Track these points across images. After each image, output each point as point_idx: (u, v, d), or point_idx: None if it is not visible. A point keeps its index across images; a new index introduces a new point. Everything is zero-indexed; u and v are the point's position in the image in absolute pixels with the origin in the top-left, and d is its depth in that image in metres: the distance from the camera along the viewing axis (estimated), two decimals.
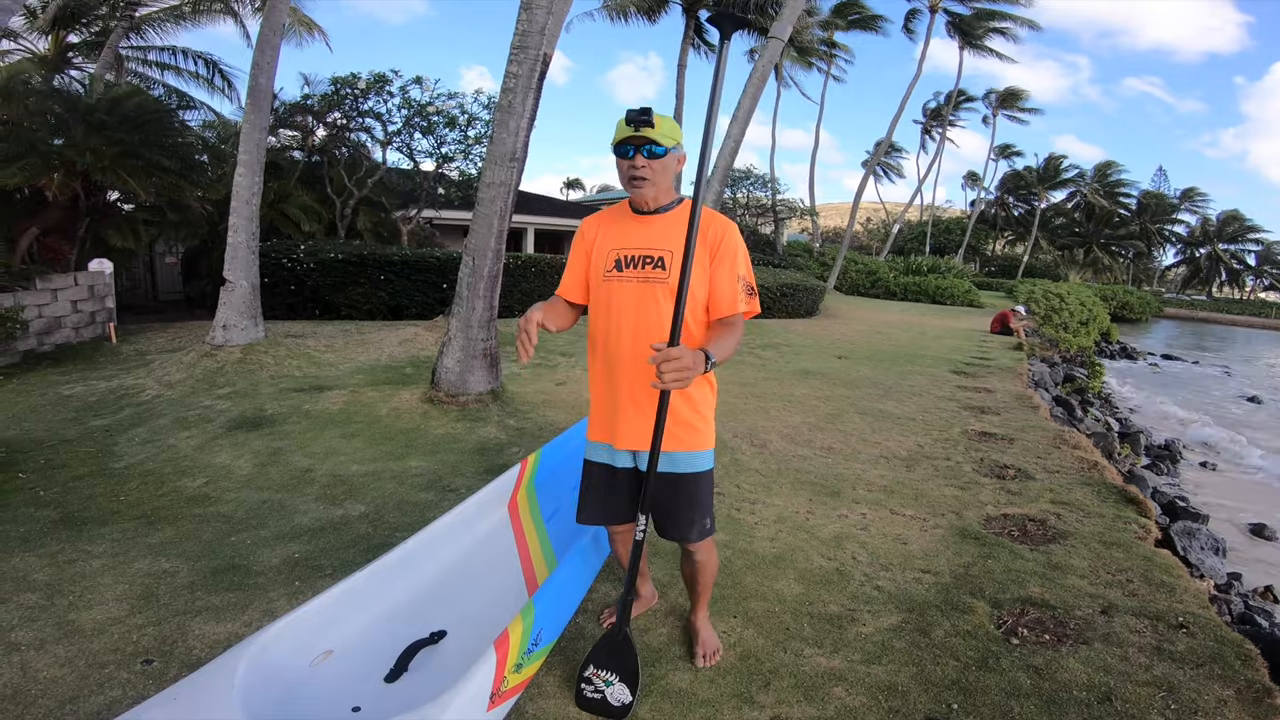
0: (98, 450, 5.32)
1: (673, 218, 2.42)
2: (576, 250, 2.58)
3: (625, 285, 2.42)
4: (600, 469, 2.60)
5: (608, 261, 2.46)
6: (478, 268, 6.16)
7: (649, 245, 2.40)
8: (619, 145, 2.33)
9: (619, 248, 2.45)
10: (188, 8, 15.69)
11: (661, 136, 2.28)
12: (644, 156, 2.31)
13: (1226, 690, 2.57)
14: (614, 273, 2.44)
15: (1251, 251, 61.37)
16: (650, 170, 2.33)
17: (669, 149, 2.33)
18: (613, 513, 2.63)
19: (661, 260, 2.37)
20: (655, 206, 2.43)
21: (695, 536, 2.54)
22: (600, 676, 2.45)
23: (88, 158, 9.11)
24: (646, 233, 2.43)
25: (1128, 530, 4.13)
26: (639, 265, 2.40)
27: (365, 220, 16.52)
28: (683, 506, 2.50)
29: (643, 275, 2.39)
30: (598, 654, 2.49)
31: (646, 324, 2.38)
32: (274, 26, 8.12)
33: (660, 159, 2.33)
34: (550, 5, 5.87)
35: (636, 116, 2.26)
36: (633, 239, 2.44)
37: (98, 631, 2.83)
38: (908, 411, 7.34)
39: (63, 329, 9.23)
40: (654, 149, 2.30)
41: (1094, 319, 21.26)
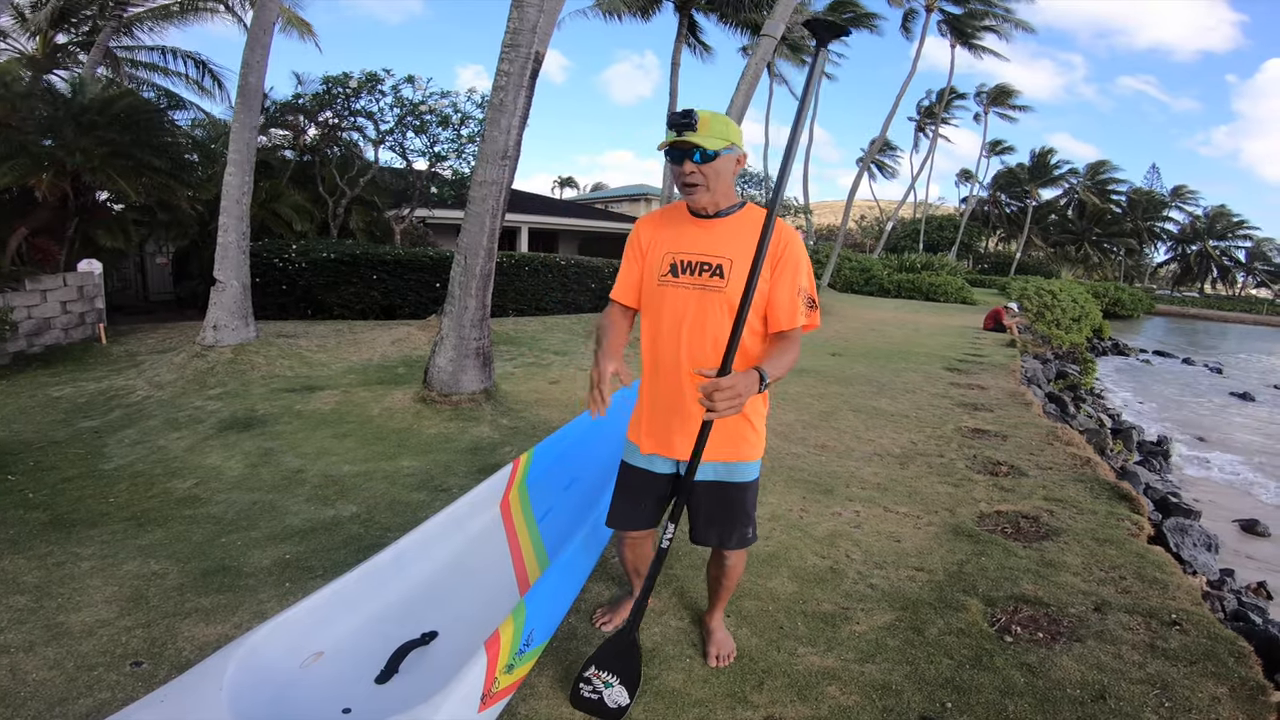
0: (87, 452, 5.29)
1: (734, 223, 2.31)
2: (631, 252, 2.46)
3: (680, 291, 2.31)
4: (638, 473, 2.53)
5: (662, 265, 2.34)
6: (470, 266, 6.15)
7: (708, 251, 2.29)
8: (668, 151, 2.21)
9: (675, 251, 2.33)
10: (177, 7, 15.60)
11: (708, 139, 2.15)
12: (693, 162, 2.18)
13: (1220, 688, 2.57)
14: (669, 278, 2.32)
15: (1242, 248, 61.70)
16: (702, 176, 2.20)
17: (720, 151, 2.18)
18: (641, 518, 2.57)
19: (720, 268, 2.26)
20: (714, 211, 2.31)
21: (735, 544, 2.50)
22: (600, 677, 2.42)
23: (77, 157, 9.05)
24: (705, 238, 2.30)
25: (1120, 527, 4.14)
26: (696, 271, 2.29)
27: (358, 219, 16.49)
28: (728, 515, 2.46)
29: (699, 282, 2.28)
30: (603, 655, 2.46)
31: (701, 333, 2.29)
32: (264, 25, 8.08)
33: (711, 163, 2.19)
34: (542, 3, 5.85)
35: (678, 120, 2.13)
36: (690, 243, 2.32)
37: (87, 634, 2.81)
38: (901, 409, 7.35)
39: (52, 330, 9.18)
40: (704, 152, 2.16)
41: (1086, 316, 21.35)
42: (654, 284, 2.36)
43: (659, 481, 2.51)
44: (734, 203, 2.34)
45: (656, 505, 2.56)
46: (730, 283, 2.24)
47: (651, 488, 2.52)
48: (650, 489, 2.52)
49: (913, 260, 35.00)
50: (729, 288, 2.24)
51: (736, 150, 2.24)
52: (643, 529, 2.62)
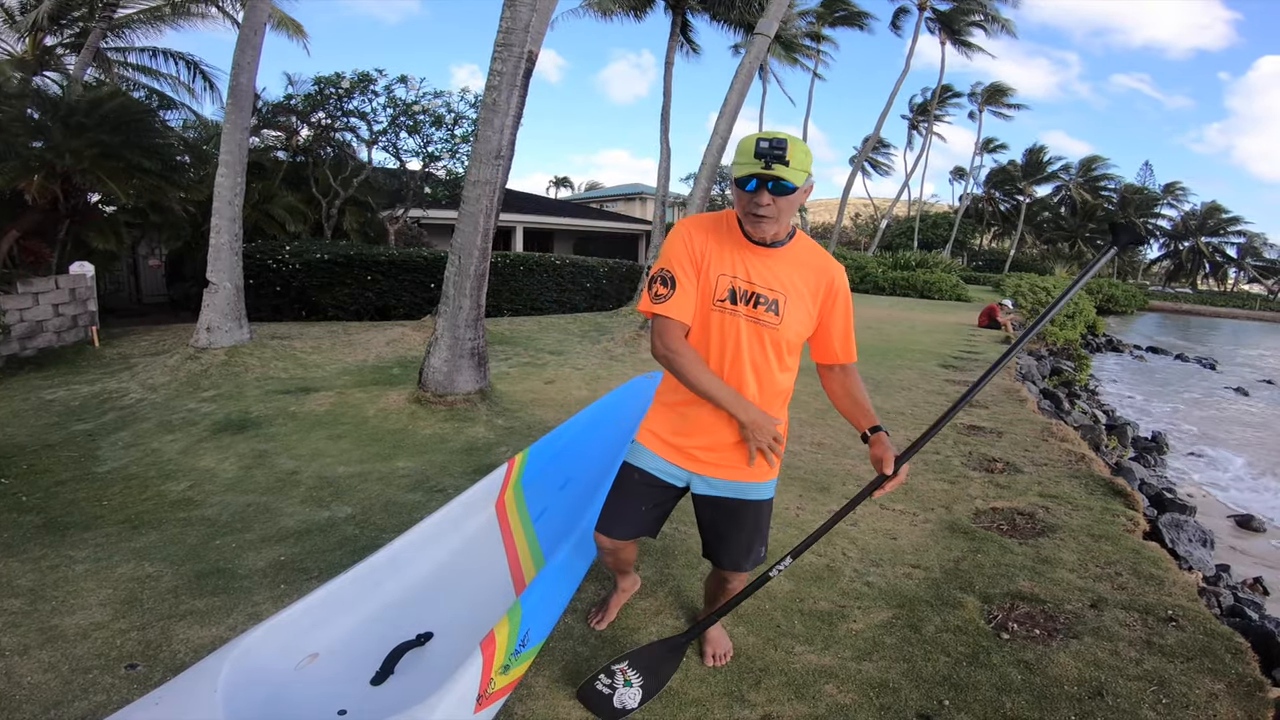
0: (81, 455, 5.27)
1: (789, 255, 2.23)
2: (685, 263, 2.23)
3: (734, 320, 2.21)
4: (644, 478, 2.43)
5: (719, 289, 2.21)
6: (464, 267, 6.13)
7: (764, 283, 2.19)
8: (743, 178, 2.04)
9: (733, 275, 2.20)
10: (168, 8, 15.54)
11: (794, 173, 1.99)
12: (770, 193, 2.03)
13: (1217, 683, 2.57)
14: (726, 304, 2.21)
15: (1233, 244, 61.89)
16: (776, 209, 2.06)
17: (799, 185, 2.03)
18: (633, 525, 2.49)
19: (776, 304, 2.19)
20: (776, 239, 2.20)
21: (749, 565, 2.46)
22: (626, 674, 2.40)
23: (67, 159, 9.02)
24: (763, 268, 2.20)
25: (1116, 523, 4.15)
26: (753, 303, 2.19)
27: (351, 220, 16.45)
28: (744, 534, 2.42)
29: (754, 315, 2.20)
30: (642, 656, 2.46)
31: (750, 365, 2.24)
32: (255, 26, 8.06)
33: (789, 195, 2.04)
34: (534, 2, 5.84)
35: (769, 151, 1.95)
36: (748, 270, 2.20)
37: (81, 636, 2.79)
38: (897, 406, 7.35)
39: (45, 333, 9.15)
40: (784, 185, 2.01)
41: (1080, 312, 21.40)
42: (709, 305, 2.23)
43: (664, 490, 2.43)
44: (788, 231, 2.24)
45: (653, 513, 2.48)
46: (784, 320, 2.21)
47: (653, 495, 2.44)
48: (651, 497, 2.44)
49: (907, 258, 35.05)
50: (783, 325, 2.21)
51: (810, 181, 2.09)
52: (631, 537, 2.53)
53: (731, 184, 2.11)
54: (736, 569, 2.47)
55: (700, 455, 2.35)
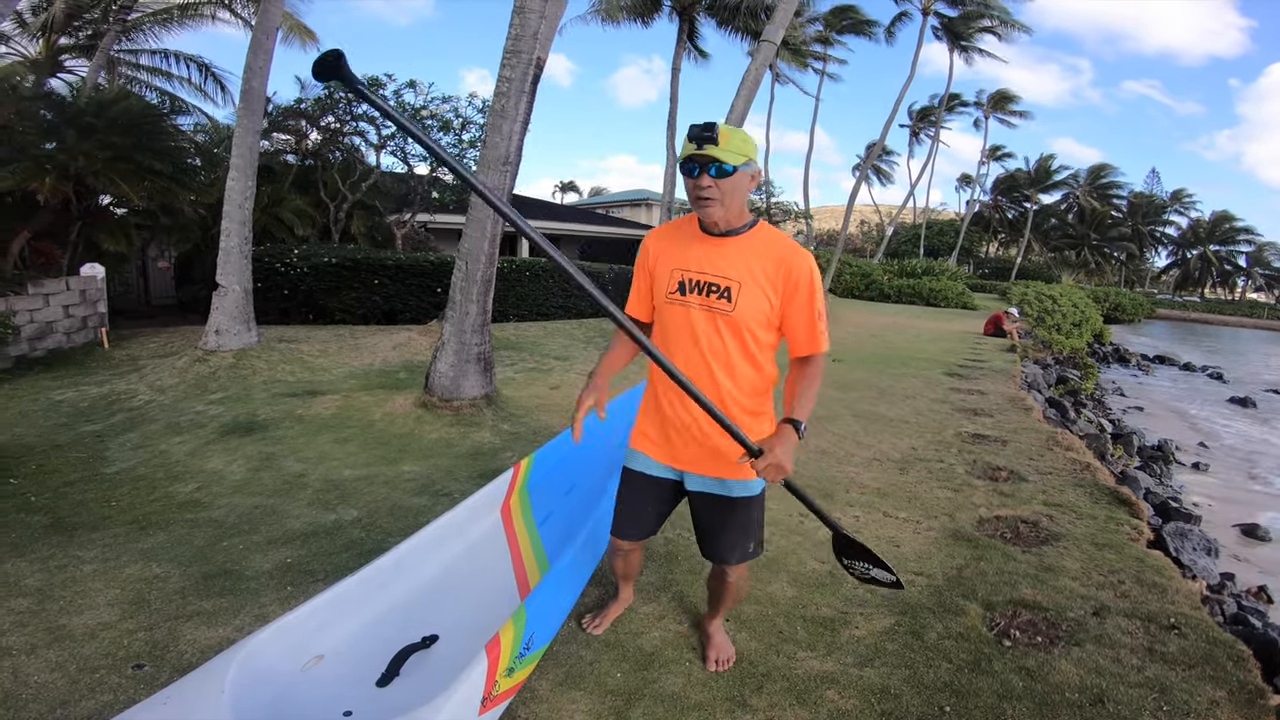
0: (89, 456, 5.30)
1: (744, 243, 2.26)
2: (640, 268, 2.45)
3: (688, 311, 2.29)
4: (643, 480, 2.54)
5: (671, 282, 2.32)
6: (471, 272, 6.16)
7: (715, 271, 2.25)
8: (684, 163, 2.16)
9: (683, 268, 2.30)
10: (179, 10, 15.63)
11: (729, 154, 2.10)
12: (710, 176, 2.12)
13: (1218, 691, 2.57)
14: (677, 295, 2.30)
15: (1242, 253, 61.73)
16: (718, 190, 2.14)
17: (738, 167, 2.13)
18: (642, 527, 2.59)
19: (728, 291, 2.23)
20: (726, 228, 2.26)
21: (735, 559, 2.51)
22: (855, 567, 2.69)
23: (80, 161, 9.07)
24: (715, 257, 2.27)
25: (1120, 532, 4.15)
26: (704, 292, 2.26)
27: (359, 224, 16.48)
28: (729, 530, 2.47)
29: (707, 304, 2.26)
30: (843, 551, 2.70)
31: (707, 354, 2.29)
32: (267, 29, 8.12)
33: (729, 178, 2.13)
34: (543, 10, 5.88)
35: (699, 133, 2.09)
36: (699, 261, 2.28)
37: (89, 636, 2.82)
38: (901, 414, 7.36)
39: (54, 334, 9.20)
40: (721, 167, 2.11)
41: (1087, 321, 21.35)
42: (663, 300, 2.35)
43: (661, 488, 2.52)
44: (746, 221, 2.29)
45: (657, 513, 2.58)
46: (737, 306, 2.23)
47: (653, 494, 2.53)
48: (652, 496, 2.53)
49: (913, 265, 35.05)
50: (736, 311, 2.23)
51: (753, 167, 2.19)
52: (642, 538, 2.65)
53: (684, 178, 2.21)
54: (722, 561, 2.54)
55: (684, 453, 2.42)
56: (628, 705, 2.48)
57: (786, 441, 2.12)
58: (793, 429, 2.14)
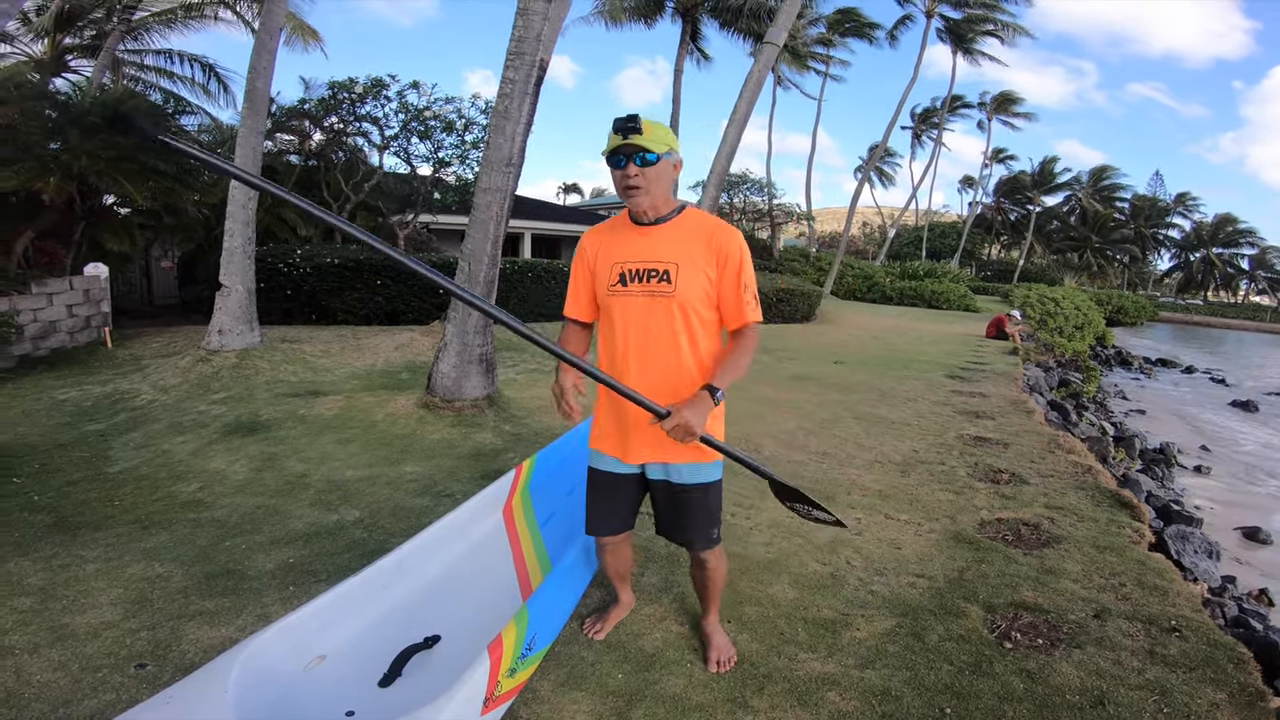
0: (92, 455, 5.32)
1: (675, 228, 2.37)
2: (578, 268, 2.53)
3: (631, 300, 2.38)
4: (605, 477, 2.61)
5: (612, 276, 2.41)
6: (473, 273, 6.17)
7: (652, 258, 2.35)
8: (611, 155, 2.27)
9: (621, 261, 2.40)
10: (182, 10, 15.66)
11: (652, 143, 2.22)
12: (636, 165, 2.24)
13: (1219, 694, 2.57)
14: (619, 287, 2.39)
15: (1245, 256, 61.69)
16: (644, 179, 2.26)
17: (662, 155, 2.25)
18: (614, 523, 2.65)
19: (666, 274, 2.33)
20: (655, 216, 2.36)
21: (699, 546, 2.56)
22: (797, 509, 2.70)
23: (84, 161, 9.10)
24: (649, 244, 2.37)
25: (1121, 534, 4.15)
26: (644, 279, 2.35)
27: (362, 225, 16.51)
28: (688, 516, 2.51)
29: (648, 289, 2.35)
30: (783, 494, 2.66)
31: (655, 339, 2.37)
32: (271, 30, 8.13)
33: (653, 166, 2.25)
34: (546, 11, 5.88)
35: (624, 125, 2.20)
36: (635, 251, 2.38)
37: (91, 635, 2.82)
38: (903, 416, 7.36)
39: (58, 333, 9.22)
40: (646, 156, 2.23)
41: (1089, 323, 21.33)
42: (605, 295, 2.45)
43: (625, 483, 2.59)
44: (674, 208, 2.41)
45: (628, 508, 2.65)
46: (678, 287, 2.33)
47: (617, 489, 2.60)
48: (616, 491, 2.60)
49: (915, 267, 35.02)
50: (677, 292, 2.33)
51: (675, 156, 2.33)
52: (617, 533, 2.70)
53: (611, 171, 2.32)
54: (689, 546, 2.61)
55: (637, 444, 2.48)
56: (629, 706, 2.49)
57: (696, 404, 2.20)
58: (707, 394, 2.23)
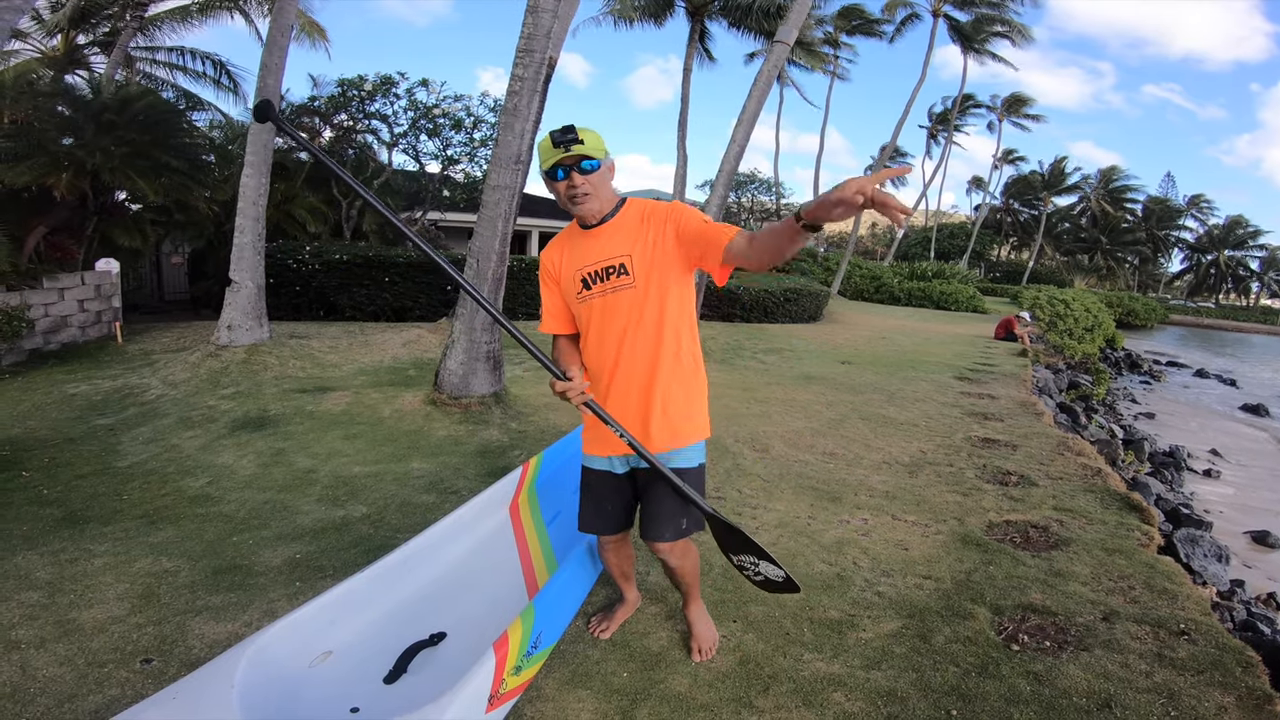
0: (101, 449, 5.34)
1: (620, 221, 2.41)
2: (545, 285, 2.57)
3: (599, 301, 2.41)
4: (597, 475, 2.62)
5: (575, 284, 2.45)
6: (481, 270, 6.17)
7: (606, 255, 2.39)
8: (550, 170, 2.28)
9: (580, 267, 2.43)
10: (195, 7, 15.72)
11: (592, 150, 2.25)
12: (580, 174, 2.28)
13: (1227, 697, 2.56)
14: (585, 293, 2.43)
15: (1256, 258, 61.38)
16: (590, 185, 2.30)
17: (601, 161, 2.30)
18: (609, 521, 2.65)
19: (623, 266, 2.36)
20: (600, 218, 2.40)
21: (670, 535, 2.51)
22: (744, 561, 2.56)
23: (97, 157, 9.15)
24: (600, 244, 2.40)
25: (1130, 537, 4.12)
26: (604, 277, 2.39)
27: (370, 222, 16.53)
28: (663, 503, 2.50)
29: (610, 286, 2.38)
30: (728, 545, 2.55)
31: (630, 331, 2.39)
32: (282, 28, 8.15)
33: (596, 172, 2.30)
34: (556, 9, 5.88)
35: (564, 137, 2.22)
36: (590, 254, 2.41)
37: (98, 630, 2.84)
38: (911, 417, 7.34)
39: (69, 328, 9.27)
40: (589, 164, 2.27)
41: (1099, 326, 21.19)
42: (575, 303, 2.48)
43: (619, 481, 2.60)
44: (615, 203, 2.44)
45: (622, 507, 2.65)
46: (636, 275, 2.36)
47: (610, 488, 2.61)
48: (609, 489, 2.61)
49: (924, 268, 34.90)
50: (637, 280, 2.36)
51: (609, 159, 2.38)
52: (613, 532, 2.70)
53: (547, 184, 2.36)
54: (658, 538, 2.53)
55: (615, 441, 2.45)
56: (633, 705, 2.48)
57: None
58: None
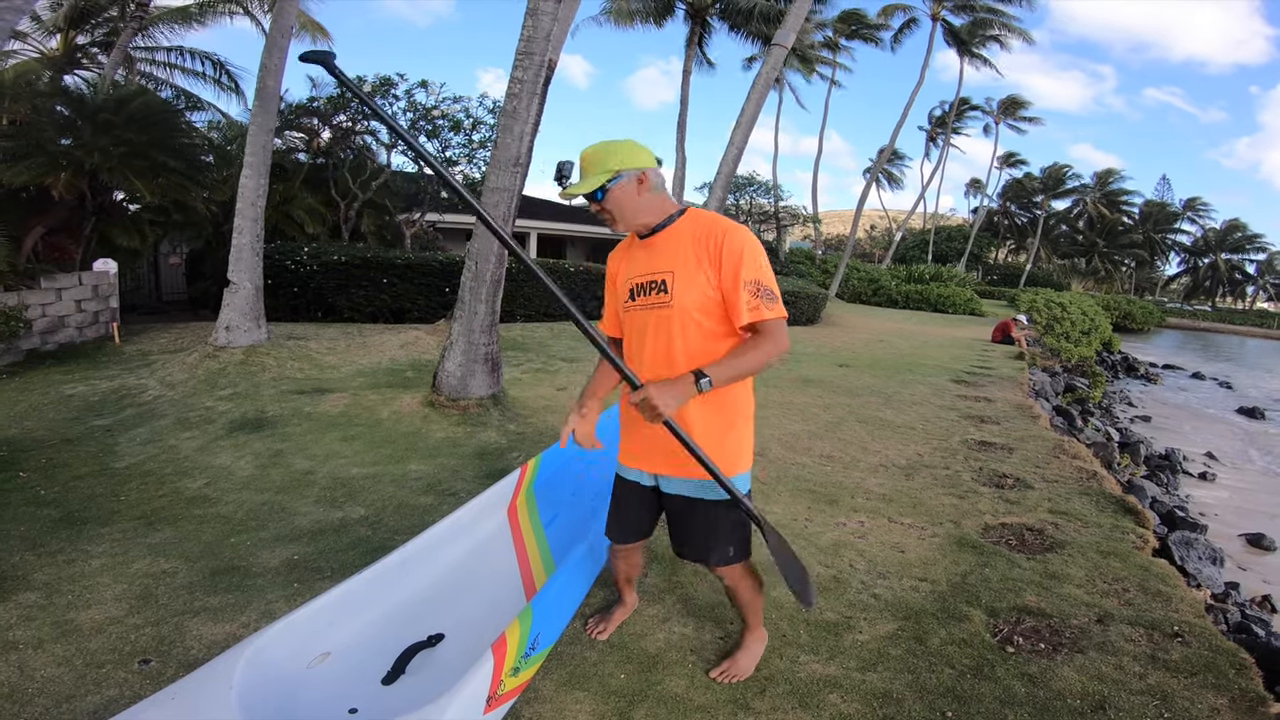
0: (99, 450, 5.34)
1: (672, 234, 2.33)
2: (607, 287, 2.59)
3: (638, 314, 2.38)
4: (626, 485, 2.60)
5: (624, 292, 2.43)
6: (480, 272, 6.18)
7: (651, 269, 2.34)
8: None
9: (631, 276, 2.41)
10: (196, 9, 15.72)
11: (589, 182, 2.21)
12: (596, 201, 2.25)
13: (1220, 699, 2.57)
14: (630, 303, 2.41)
15: (1253, 261, 61.50)
16: (607, 209, 2.27)
17: (608, 185, 2.22)
18: (630, 530, 2.65)
19: (664, 284, 2.29)
20: (647, 229, 2.35)
21: (714, 561, 2.50)
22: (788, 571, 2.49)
23: (95, 157, 9.15)
24: (649, 257, 2.36)
25: (1125, 540, 4.14)
26: (647, 292, 2.34)
27: (369, 223, 16.52)
28: (702, 533, 2.47)
29: (650, 302, 2.33)
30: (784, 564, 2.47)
31: (658, 351, 2.33)
32: (282, 29, 8.16)
33: (609, 194, 2.24)
34: (555, 12, 5.89)
35: (556, 176, 2.21)
36: (639, 265, 2.38)
37: (96, 631, 2.84)
38: (908, 420, 7.35)
39: (66, 328, 9.26)
40: (598, 194, 2.23)
41: (1096, 329, 21.26)
42: (622, 312, 2.47)
43: (644, 494, 2.56)
44: (668, 214, 2.35)
45: (646, 517, 2.63)
46: (674, 295, 2.27)
47: (637, 499, 2.58)
48: (636, 500, 2.59)
49: (921, 271, 34.97)
50: (674, 301, 2.27)
51: (627, 174, 2.24)
52: (632, 541, 2.69)
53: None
54: (699, 561, 2.55)
55: (655, 456, 2.46)
56: (630, 706, 2.49)
57: (674, 384, 2.11)
58: (691, 377, 2.12)
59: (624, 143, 2.28)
